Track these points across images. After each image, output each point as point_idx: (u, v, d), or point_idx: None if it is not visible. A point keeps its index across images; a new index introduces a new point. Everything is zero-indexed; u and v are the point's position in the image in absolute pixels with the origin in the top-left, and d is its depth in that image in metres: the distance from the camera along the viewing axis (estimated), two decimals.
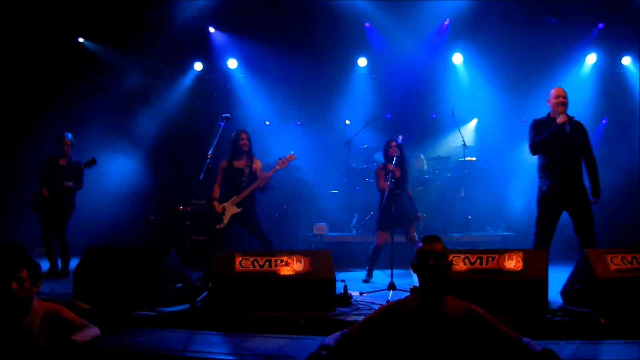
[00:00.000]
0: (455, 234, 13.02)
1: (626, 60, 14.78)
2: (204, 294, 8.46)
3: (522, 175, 13.65)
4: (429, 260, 4.73)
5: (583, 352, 5.61)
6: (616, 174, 12.38)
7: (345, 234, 13.54)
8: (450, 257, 6.77)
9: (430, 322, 4.72)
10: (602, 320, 6.91)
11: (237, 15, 13.94)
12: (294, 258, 7.99)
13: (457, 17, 14.21)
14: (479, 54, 14.70)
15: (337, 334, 4.90)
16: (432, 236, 4.90)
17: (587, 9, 13.49)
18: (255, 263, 7.91)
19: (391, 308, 4.92)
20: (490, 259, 7.87)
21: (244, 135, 10.29)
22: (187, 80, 15.00)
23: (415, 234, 10.69)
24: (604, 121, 15.23)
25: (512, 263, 7.81)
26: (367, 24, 14.72)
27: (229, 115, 9.65)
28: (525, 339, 4.79)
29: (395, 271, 9.22)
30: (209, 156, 8.93)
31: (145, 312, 7.41)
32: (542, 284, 7.73)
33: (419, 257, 4.78)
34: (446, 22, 14.53)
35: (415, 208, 10.79)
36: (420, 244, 4.84)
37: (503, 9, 13.21)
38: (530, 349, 4.67)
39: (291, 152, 10.20)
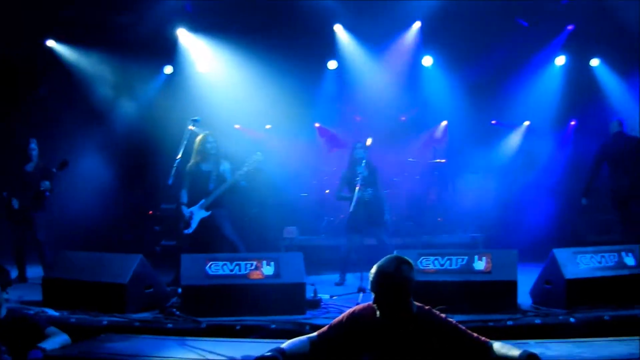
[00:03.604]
0: (425, 236, 13.07)
1: (595, 62, 14.93)
2: (174, 299, 8.44)
3: (492, 177, 13.77)
4: (389, 294, 4.65)
5: (554, 351, 5.64)
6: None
7: (316, 237, 13.56)
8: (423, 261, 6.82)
9: (395, 329, 4.71)
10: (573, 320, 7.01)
11: (207, 18, 13.86)
12: (264, 262, 7.99)
13: (428, 20, 14.21)
14: (449, 56, 14.74)
15: (303, 338, 4.90)
16: (394, 262, 4.75)
17: (556, 12, 13.57)
18: (225, 267, 7.92)
19: (361, 312, 4.91)
20: (460, 260, 7.94)
21: (210, 139, 10.21)
22: (157, 84, 14.92)
23: (385, 236, 10.73)
24: (572, 122, 15.39)
25: (482, 264, 7.89)
26: (337, 26, 14.70)
27: (198, 118, 9.62)
28: (498, 344, 4.79)
29: (365, 274, 9.24)
30: (177, 160, 8.89)
31: (115, 318, 7.35)
32: (512, 284, 7.82)
33: (379, 290, 4.67)
34: (417, 25, 14.53)
35: (384, 210, 10.81)
36: (375, 277, 4.69)
37: (473, 12, 13.23)
38: (506, 356, 4.64)
39: (259, 153, 10.17)
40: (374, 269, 4.72)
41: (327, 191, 13.90)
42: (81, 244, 12.21)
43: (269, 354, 4.57)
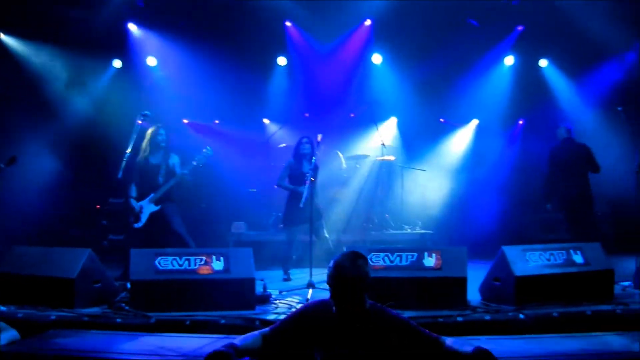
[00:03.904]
0: (373, 232, 13.17)
1: (543, 63, 15.19)
2: (123, 294, 8.42)
3: (440, 175, 13.91)
4: (346, 288, 4.70)
5: (505, 347, 5.76)
6: (535, 173, 12.71)
7: (264, 232, 13.57)
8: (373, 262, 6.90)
9: (348, 325, 4.76)
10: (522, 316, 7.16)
11: (157, 12, 13.74)
12: (214, 257, 8.01)
13: (379, 18, 14.30)
14: (400, 55, 14.86)
15: (256, 333, 4.91)
16: (344, 259, 4.77)
17: (507, 12, 13.74)
18: (175, 262, 7.90)
19: (314, 308, 4.94)
20: (410, 257, 8.04)
21: (161, 132, 10.18)
22: (107, 78, 14.73)
23: (325, 231, 10.80)
24: (520, 122, 15.61)
25: (432, 261, 7.99)
26: (287, 23, 14.71)
27: (148, 112, 9.59)
28: (450, 340, 4.88)
29: (315, 270, 9.30)
30: (127, 153, 8.86)
31: (63, 313, 7.29)
32: (462, 281, 7.95)
33: (336, 284, 4.72)
34: (367, 22, 14.60)
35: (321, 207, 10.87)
36: (334, 272, 4.73)
37: (424, 11, 13.35)
38: (459, 351, 4.73)
39: (208, 148, 10.18)
40: (331, 264, 4.77)
41: (275, 186, 13.89)
42: (28, 239, 12.04)
43: (222, 349, 4.59)
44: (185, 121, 15.21)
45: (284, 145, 14.41)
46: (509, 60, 15.24)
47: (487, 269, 8.54)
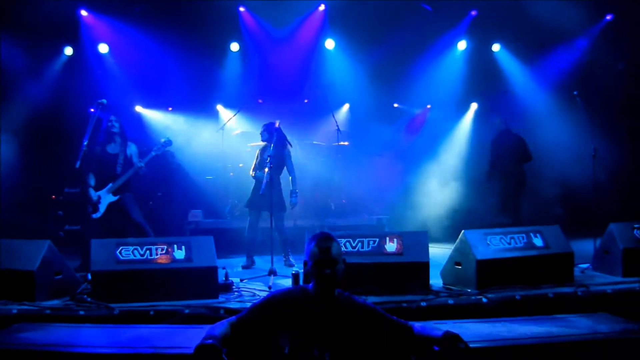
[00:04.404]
0: (330, 218, 13.19)
1: (496, 47, 15.33)
2: (83, 285, 8.33)
3: (395, 160, 13.97)
4: (325, 269, 4.70)
5: (472, 331, 5.81)
6: (488, 157, 12.83)
7: (221, 220, 13.52)
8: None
9: (323, 315, 4.76)
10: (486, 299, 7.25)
11: None
12: (175, 246, 7.99)
13: (332, 3, 14.35)
14: (354, 40, 14.92)
15: (224, 321, 4.86)
16: (327, 238, 4.81)
17: None
18: (136, 252, 7.88)
19: (281, 297, 4.88)
20: (371, 242, 8.09)
21: (114, 123, 10.10)
22: (57, 65, 14.46)
23: (281, 221, 10.80)
24: (474, 105, 15.72)
25: (393, 246, 8.04)
26: (241, 8, 14.64)
27: (104, 101, 9.48)
28: (419, 325, 4.91)
29: (277, 257, 9.32)
30: (84, 142, 8.75)
31: (25, 307, 7.20)
32: (424, 265, 8.04)
33: (316, 266, 4.72)
34: (321, 8, 14.60)
35: (294, 192, 10.84)
36: (315, 250, 4.74)
37: None
38: (428, 336, 4.75)
39: (168, 137, 10.14)
40: (312, 244, 4.79)
41: (231, 174, 13.86)
42: None
43: (209, 342, 4.52)
44: (138, 109, 15.02)
45: (238, 131, 14.35)
46: (462, 45, 15.36)
47: (445, 253, 8.63)
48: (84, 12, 13.92)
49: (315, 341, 4.67)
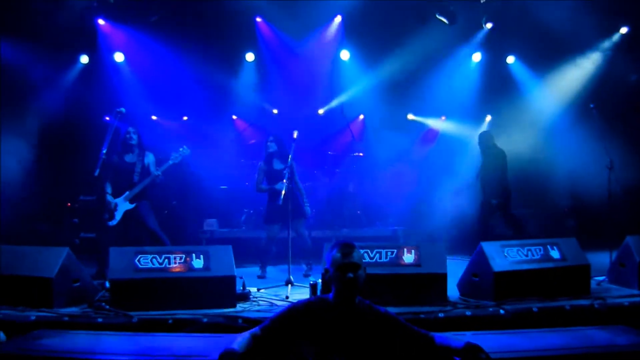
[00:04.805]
0: (344, 229, 13.19)
1: (510, 60, 15.29)
2: (101, 293, 8.35)
3: (409, 170, 13.99)
4: (348, 273, 4.74)
5: (492, 343, 5.79)
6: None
7: (236, 229, 13.56)
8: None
9: (344, 324, 4.79)
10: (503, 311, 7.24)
11: (124, 7, 13.59)
12: (194, 255, 7.99)
13: (348, 14, 14.33)
14: (369, 51, 14.89)
15: (245, 333, 4.87)
16: (349, 245, 4.87)
17: (476, 9, 13.83)
18: (155, 260, 7.85)
19: (302, 307, 4.92)
20: (389, 253, 8.07)
21: (131, 134, 10.12)
22: (73, 73, 14.49)
23: (304, 229, 10.78)
24: (488, 117, 15.71)
25: (411, 257, 8.02)
26: (258, 19, 14.62)
27: (123, 109, 9.52)
28: (440, 335, 4.92)
29: (294, 267, 9.32)
30: (103, 151, 8.77)
31: (43, 313, 7.20)
32: (442, 277, 7.98)
33: (339, 270, 4.75)
34: (337, 19, 14.59)
35: (305, 202, 10.83)
36: (338, 255, 4.80)
37: (395, 7, 13.38)
38: (449, 346, 4.77)
39: (184, 147, 10.18)
40: (334, 251, 4.86)
41: (246, 183, 13.89)
42: None
43: (232, 350, 4.53)
44: (154, 118, 15.07)
45: (253, 141, 14.40)
46: (477, 57, 15.34)
47: (461, 265, 8.62)
48: (101, 21, 13.93)
49: (337, 351, 4.69)
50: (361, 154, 14.29)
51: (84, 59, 14.44)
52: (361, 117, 15.98)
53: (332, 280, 4.83)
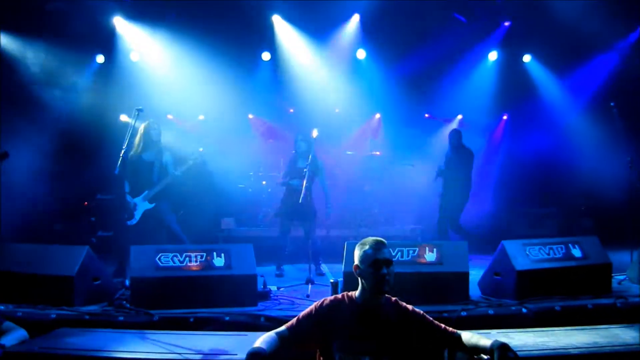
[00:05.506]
0: (363, 228, 13.14)
1: (527, 58, 15.23)
2: (121, 291, 8.32)
3: (426, 169, 13.91)
4: (382, 268, 4.70)
5: (518, 341, 5.76)
6: (519, 168, 12.76)
7: (253, 228, 13.54)
8: None
9: (372, 321, 4.76)
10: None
11: (145, 7, 13.60)
12: (214, 253, 7.96)
13: (366, 13, 14.27)
14: (387, 50, 14.83)
15: (271, 333, 4.80)
16: (380, 242, 4.82)
17: (493, 8, 13.78)
18: (175, 259, 7.84)
19: (329, 304, 4.87)
20: (411, 252, 8.04)
21: (155, 126, 10.04)
22: (91, 72, 14.53)
23: (313, 230, 10.73)
24: (504, 116, 15.67)
25: (433, 256, 7.99)
26: (274, 17, 14.55)
27: (141, 108, 9.45)
28: (466, 333, 4.88)
29: (303, 265, 9.29)
30: (123, 149, 8.72)
31: (64, 312, 7.18)
32: (464, 275, 7.98)
33: (373, 266, 4.71)
34: (355, 18, 14.52)
35: (328, 204, 10.79)
36: (370, 251, 4.75)
37: (412, 6, 13.33)
38: (477, 344, 4.73)
39: (202, 148, 10.16)
40: (367, 248, 4.79)
41: (263, 182, 13.88)
42: (12, 236, 11.87)
43: (260, 349, 4.49)
44: (169, 117, 15.05)
45: (270, 141, 14.37)
46: (493, 55, 15.29)
47: (479, 263, 8.56)
48: (117, 21, 13.91)
49: (364, 348, 4.65)
50: (379, 153, 14.23)
51: (100, 59, 14.43)
52: (378, 115, 15.90)
53: (364, 276, 4.78)
